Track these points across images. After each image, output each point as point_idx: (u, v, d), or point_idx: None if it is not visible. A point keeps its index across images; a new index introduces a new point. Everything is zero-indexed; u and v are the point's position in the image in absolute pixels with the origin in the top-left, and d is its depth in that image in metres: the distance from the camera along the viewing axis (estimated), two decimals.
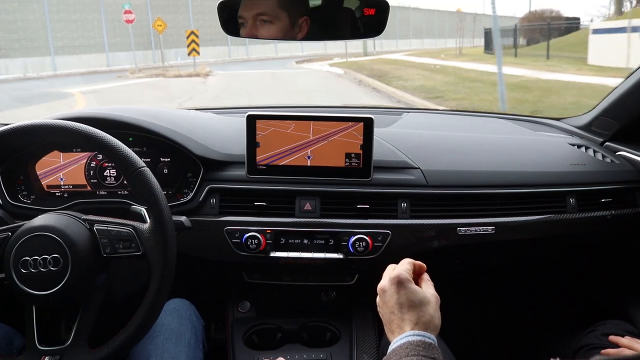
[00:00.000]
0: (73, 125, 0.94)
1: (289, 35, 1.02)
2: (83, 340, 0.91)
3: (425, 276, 0.88)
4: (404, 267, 0.85)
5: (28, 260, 0.87)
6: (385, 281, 0.85)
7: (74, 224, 0.91)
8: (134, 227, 0.93)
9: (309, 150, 1.25)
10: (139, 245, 0.92)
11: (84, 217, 0.95)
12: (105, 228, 0.93)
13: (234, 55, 22.69)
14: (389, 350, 0.77)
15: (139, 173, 0.92)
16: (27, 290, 0.87)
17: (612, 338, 1.12)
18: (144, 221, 0.96)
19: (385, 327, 0.83)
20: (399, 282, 0.81)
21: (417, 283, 0.85)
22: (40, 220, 0.91)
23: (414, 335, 0.76)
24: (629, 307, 1.42)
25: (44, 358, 0.89)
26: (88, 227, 0.93)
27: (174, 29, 19.39)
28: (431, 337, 0.76)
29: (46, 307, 0.91)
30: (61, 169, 1.28)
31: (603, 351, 1.08)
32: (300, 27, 1.01)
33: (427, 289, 0.84)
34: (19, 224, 0.92)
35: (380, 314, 0.85)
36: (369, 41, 23.99)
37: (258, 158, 1.25)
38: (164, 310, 1.14)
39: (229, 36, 1.14)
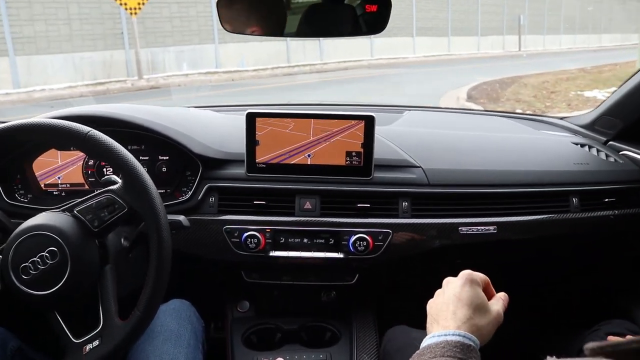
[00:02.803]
0: (16, 123, 0.94)
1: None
2: (114, 316, 0.91)
3: (500, 295, 0.83)
4: (479, 274, 0.81)
5: (27, 264, 0.86)
6: (454, 277, 0.81)
7: (54, 216, 0.91)
8: (109, 191, 0.93)
9: (309, 152, 1.24)
10: (122, 204, 0.92)
11: (62, 207, 0.95)
12: (85, 206, 0.93)
13: (296, 59, 11.98)
14: (422, 345, 0.73)
15: (89, 137, 0.91)
16: (38, 294, 0.87)
17: (611, 338, 1.11)
18: (117, 182, 0.96)
19: (428, 318, 0.79)
20: (469, 280, 0.77)
21: (488, 296, 0.81)
22: (23, 225, 0.91)
23: (453, 334, 0.70)
24: (632, 307, 1.41)
25: (85, 348, 0.88)
26: (69, 214, 0.93)
27: (174, 3, 10.53)
28: (472, 339, 0.71)
29: (65, 303, 0.90)
30: (59, 170, 1.27)
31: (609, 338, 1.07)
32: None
33: (494, 304, 0.79)
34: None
35: (429, 306, 0.80)
36: (532, 37, 13.99)
37: (258, 157, 1.24)
38: (164, 311, 1.13)
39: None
